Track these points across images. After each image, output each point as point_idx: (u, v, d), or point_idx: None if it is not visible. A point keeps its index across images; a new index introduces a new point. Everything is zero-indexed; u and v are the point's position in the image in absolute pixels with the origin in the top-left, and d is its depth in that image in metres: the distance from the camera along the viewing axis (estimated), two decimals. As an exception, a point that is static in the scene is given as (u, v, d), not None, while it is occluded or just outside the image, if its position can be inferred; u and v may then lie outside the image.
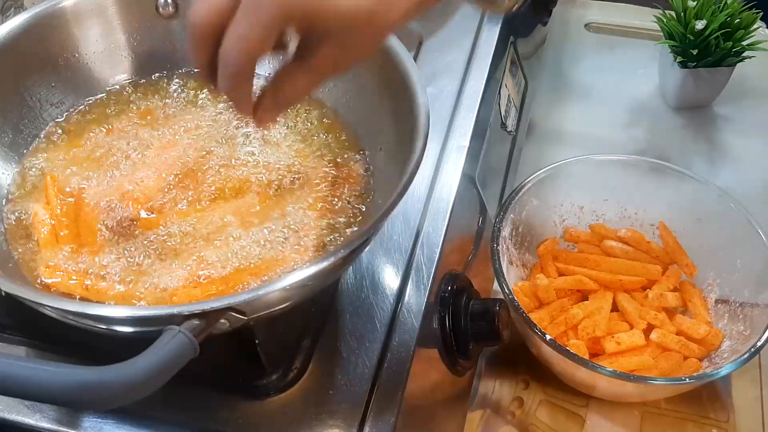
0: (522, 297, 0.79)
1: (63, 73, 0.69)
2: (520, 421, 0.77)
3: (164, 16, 0.71)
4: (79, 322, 0.50)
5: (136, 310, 0.52)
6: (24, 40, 0.66)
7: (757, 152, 1.04)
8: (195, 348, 0.44)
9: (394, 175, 0.56)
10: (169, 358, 0.43)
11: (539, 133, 1.06)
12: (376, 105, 0.64)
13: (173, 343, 0.43)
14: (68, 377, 0.41)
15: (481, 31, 0.87)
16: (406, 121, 0.58)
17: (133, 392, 0.41)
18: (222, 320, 0.47)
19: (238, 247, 0.59)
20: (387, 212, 0.51)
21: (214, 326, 0.46)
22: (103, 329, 0.51)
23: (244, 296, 0.47)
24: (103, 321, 0.50)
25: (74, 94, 0.70)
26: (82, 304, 0.51)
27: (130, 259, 0.59)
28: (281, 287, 0.48)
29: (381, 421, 0.56)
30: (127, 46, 0.72)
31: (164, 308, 0.47)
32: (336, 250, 0.50)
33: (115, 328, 0.51)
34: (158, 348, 0.43)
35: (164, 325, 0.45)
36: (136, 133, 0.68)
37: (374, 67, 0.62)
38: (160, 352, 0.43)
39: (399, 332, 0.61)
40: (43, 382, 0.41)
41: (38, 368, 0.42)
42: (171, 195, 0.63)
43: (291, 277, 0.48)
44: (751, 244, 0.78)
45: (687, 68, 1.03)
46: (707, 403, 0.78)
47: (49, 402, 0.50)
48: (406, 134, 0.57)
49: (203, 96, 0.71)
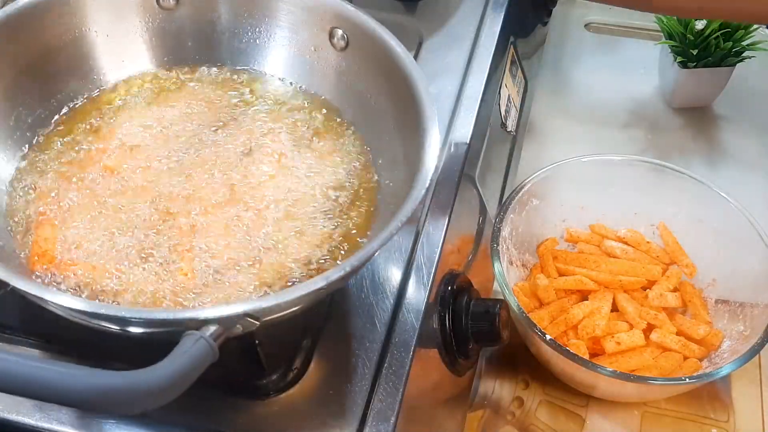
0: (522, 297, 0.79)
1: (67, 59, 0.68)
2: (520, 421, 0.77)
3: (165, 8, 0.70)
4: (91, 323, 0.50)
5: (154, 312, 0.51)
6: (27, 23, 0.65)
7: (757, 152, 1.04)
8: (215, 353, 0.44)
9: (405, 181, 0.56)
10: (192, 364, 0.43)
11: (539, 133, 1.06)
12: (388, 126, 0.65)
13: (196, 348, 0.43)
14: (92, 380, 0.41)
15: (481, 31, 0.87)
16: (414, 139, 0.58)
17: (159, 397, 0.41)
18: (237, 325, 0.47)
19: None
20: (399, 223, 0.51)
21: (230, 331, 0.46)
22: (114, 330, 0.51)
23: (262, 303, 0.48)
24: (120, 322, 0.50)
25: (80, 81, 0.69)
26: (98, 305, 0.51)
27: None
28: (297, 296, 0.48)
29: (381, 421, 0.56)
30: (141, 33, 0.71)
31: (183, 312, 0.48)
32: (350, 260, 0.50)
33: (129, 330, 0.51)
34: (181, 353, 0.43)
35: (180, 329, 0.45)
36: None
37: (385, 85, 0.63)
38: (183, 357, 0.43)
39: (399, 332, 0.61)
40: (67, 384, 0.41)
41: (63, 371, 0.41)
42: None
43: (306, 285, 0.49)
44: (751, 244, 0.78)
45: (687, 68, 1.03)
46: (707, 403, 0.78)
47: (72, 405, 0.49)
48: (414, 147, 0.57)
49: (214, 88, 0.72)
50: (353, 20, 0.66)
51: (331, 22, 0.67)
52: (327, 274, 0.49)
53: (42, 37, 0.66)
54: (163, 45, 0.72)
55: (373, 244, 0.51)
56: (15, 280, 0.48)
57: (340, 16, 0.67)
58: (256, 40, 0.72)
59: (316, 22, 0.68)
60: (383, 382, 0.58)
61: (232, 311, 0.46)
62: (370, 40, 0.65)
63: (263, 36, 0.71)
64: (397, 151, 0.63)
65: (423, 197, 0.53)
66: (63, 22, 0.67)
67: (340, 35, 0.67)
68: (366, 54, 0.66)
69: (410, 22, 0.87)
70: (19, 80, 0.65)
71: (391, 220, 0.52)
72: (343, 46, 0.68)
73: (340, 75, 0.69)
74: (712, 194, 0.81)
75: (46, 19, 0.66)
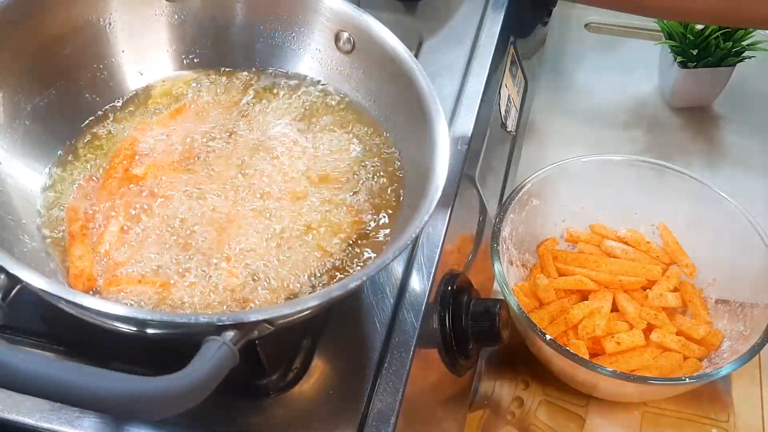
0: (522, 297, 0.79)
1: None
2: (520, 421, 0.77)
3: (182, 7, 0.70)
4: (110, 324, 0.50)
5: (174, 316, 0.52)
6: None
7: (757, 152, 1.04)
8: (236, 358, 0.45)
9: (421, 183, 0.57)
10: (216, 370, 0.43)
11: (539, 133, 1.06)
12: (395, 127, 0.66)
13: (220, 353, 0.44)
14: (126, 386, 0.41)
15: (481, 31, 0.87)
16: (421, 139, 0.59)
17: (184, 403, 0.42)
18: (255, 330, 0.47)
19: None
20: (410, 235, 0.52)
21: (249, 336, 0.47)
22: (132, 332, 0.51)
23: (282, 310, 0.48)
24: (140, 324, 0.50)
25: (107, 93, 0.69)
26: (118, 307, 0.51)
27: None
28: (313, 305, 0.49)
29: (381, 421, 0.56)
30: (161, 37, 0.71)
31: (203, 317, 0.48)
32: (363, 272, 0.51)
33: (148, 332, 0.51)
34: (207, 359, 0.43)
35: (200, 333, 0.45)
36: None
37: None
38: (208, 363, 0.43)
39: (399, 332, 0.61)
40: (100, 389, 0.41)
41: (94, 375, 0.42)
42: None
43: (323, 293, 0.50)
44: (751, 244, 0.78)
45: (687, 68, 1.03)
46: (707, 403, 0.78)
47: (102, 410, 0.50)
48: (422, 147, 0.58)
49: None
50: (359, 23, 0.66)
51: (337, 26, 0.68)
52: (344, 283, 0.50)
53: (69, 52, 0.66)
54: (182, 48, 0.72)
55: (387, 255, 0.52)
56: (43, 284, 0.48)
57: (346, 19, 0.67)
58: (267, 41, 0.72)
59: (323, 25, 0.69)
60: (383, 382, 0.58)
61: (252, 318, 0.46)
62: (375, 43, 0.65)
63: (274, 38, 0.72)
64: (410, 147, 0.63)
65: (437, 202, 0.54)
66: (86, 37, 0.67)
67: (346, 38, 0.67)
68: (371, 57, 0.66)
69: (410, 22, 0.87)
70: (49, 94, 0.65)
71: (405, 230, 0.53)
72: (349, 50, 0.68)
73: (347, 77, 0.69)
74: (712, 194, 0.81)
75: (74, 33, 0.66)
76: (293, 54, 0.71)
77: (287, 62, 0.72)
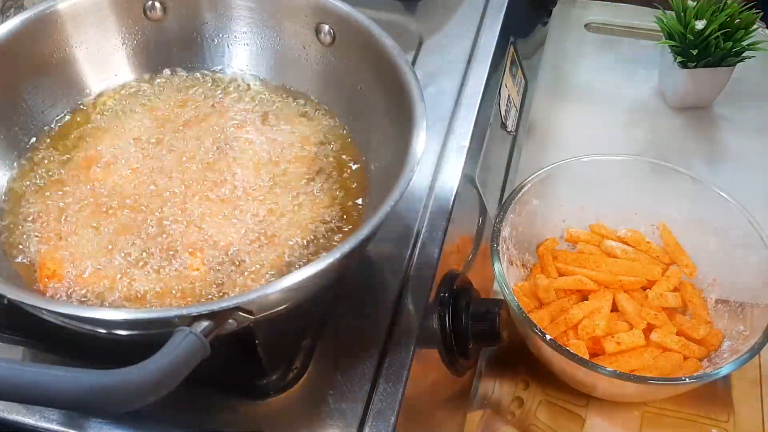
0: (522, 297, 0.79)
1: (54, 75, 0.69)
2: (520, 421, 0.77)
3: (152, 19, 0.70)
4: (83, 328, 0.50)
5: (141, 312, 0.51)
6: (18, 42, 0.66)
7: (757, 152, 1.04)
8: (206, 348, 0.44)
9: (393, 171, 0.56)
10: (181, 359, 0.43)
11: (539, 133, 1.06)
12: (377, 110, 0.65)
13: (185, 344, 0.43)
14: (82, 381, 0.41)
15: (481, 31, 0.87)
16: (402, 122, 0.58)
17: (148, 395, 0.42)
18: (230, 320, 0.47)
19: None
20: (385, 210, 0.52)
21: (222, 326, 0.46)
22: (105, 334, 0.51)
23: (251, 295, 0.47)
24: (107, 325, 0.49)
25: (66, 97, 0.70)
26: (83, 308, 0.51)
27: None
28: (286, 286, 0.48)
29: (381, 421, 0.56)
30: (122, 47, 0.71)
31: (171, 310, 0.47)
32: (338, 248, 0.50)
33: (120, 333, 0.51)
34: (170, 349, 0.43)
35: (171, 328, 0.45)
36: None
37: (374, 74, 0.63)
38: (172, 353, 0.43)
39: (399, 332, 0.61)
40: (58, 387, 0.41)
41: (51, 373, 0.41)
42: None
43: (296, 275, 0.49)
44: (751, 244, 0.78)
45: (687, 68, 1.03)
46: (707, 403, 0.78)
47: (62, 407, 0.49)
48: (404, 130, 0.58)
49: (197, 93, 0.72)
50: (339, 14, 0.67)
51: (316, 18, 0.68)
52: (316, 262, 0.49)
53: (29, 57, 0.66)
54: (148, 54, 0.72)
55: (355, 237, 0.51)
56: (9, 292, 0.48)
57: (325, 11, 0.67)
58: (241, 41, 0.72)
59: (301, 19, 0.69)
60: (383, 382, 0.58)
61: (221, 306, 0.46)
62: (357, 32, 0.65)
63: (248, 37, 0.72)
64: (387, 135, 0.63)
65: (413, 175, 0.54)
66: (50, 41, 0.67)
67: (327, 30, 0.67)
68: (353, 47, 0.66)
69: (410, 22, 0.88)
70: (9, 98, 0.65)
71: (380, 207, 0.52)
72: (330, 41, 0.68)
73: (329, 69, 0.69)
74: (712, 194, 0.81)
75: (34, 38, 0.66)
76: (266, 52, 0.72)
77: (250, 60, 0.73)
